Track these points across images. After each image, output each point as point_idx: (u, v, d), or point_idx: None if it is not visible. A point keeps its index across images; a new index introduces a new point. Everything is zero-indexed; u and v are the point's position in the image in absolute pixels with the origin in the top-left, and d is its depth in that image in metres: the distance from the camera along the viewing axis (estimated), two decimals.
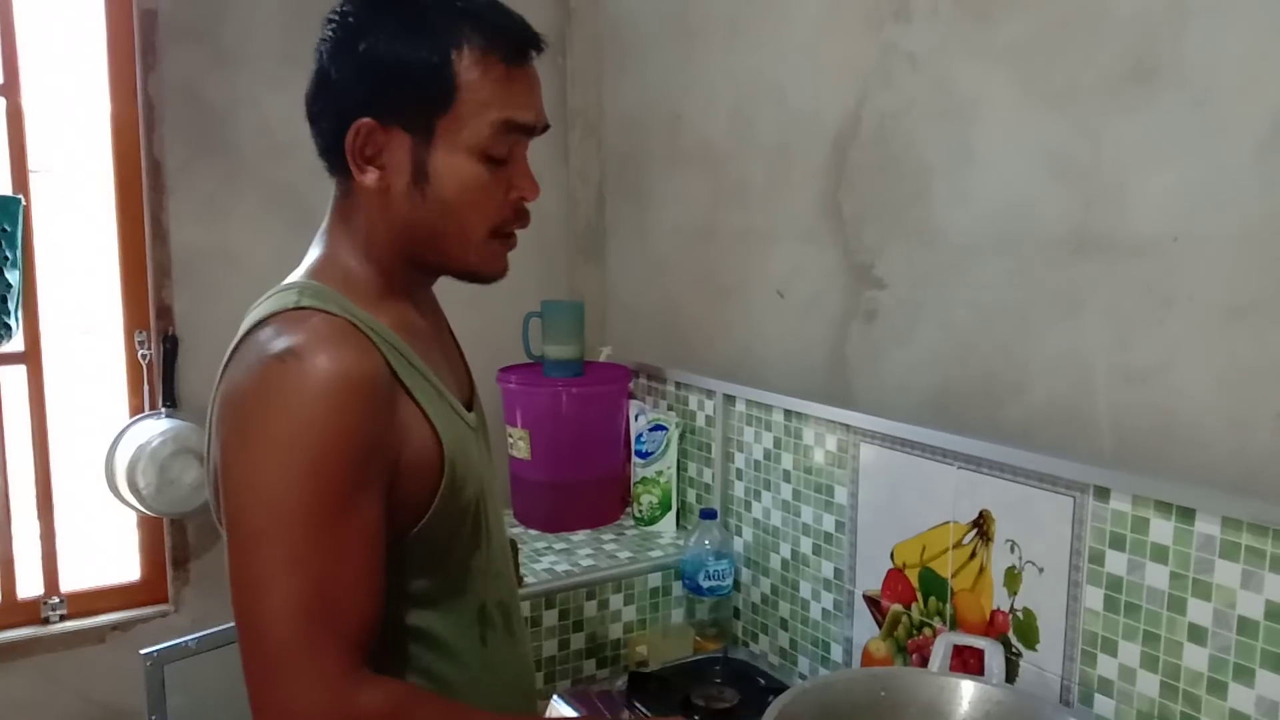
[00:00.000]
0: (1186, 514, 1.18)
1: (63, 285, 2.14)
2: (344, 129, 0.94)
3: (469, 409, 1.06)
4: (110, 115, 2.09)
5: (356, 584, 0.86)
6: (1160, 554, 1.21)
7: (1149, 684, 1.23)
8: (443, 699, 0.93)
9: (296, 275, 0.99)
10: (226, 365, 0.92)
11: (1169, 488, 1.20)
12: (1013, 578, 1.39)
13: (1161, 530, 1.21)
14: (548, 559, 1.90)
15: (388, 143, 0.94)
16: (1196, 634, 1.18)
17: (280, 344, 0.87)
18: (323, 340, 0.87)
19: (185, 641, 1.77)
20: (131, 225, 2.11)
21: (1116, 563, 1.26)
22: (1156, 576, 1.22)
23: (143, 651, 1.74)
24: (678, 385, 2.10)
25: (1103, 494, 1.27)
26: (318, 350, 0.86)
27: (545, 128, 1.01)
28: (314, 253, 1.00)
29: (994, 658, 1.38)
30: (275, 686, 0.83)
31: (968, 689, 1.31)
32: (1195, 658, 1.18)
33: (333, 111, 0.95)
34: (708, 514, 1.87)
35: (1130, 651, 1.25)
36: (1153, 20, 1.28)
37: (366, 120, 0.93)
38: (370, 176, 0.95)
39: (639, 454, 2.09)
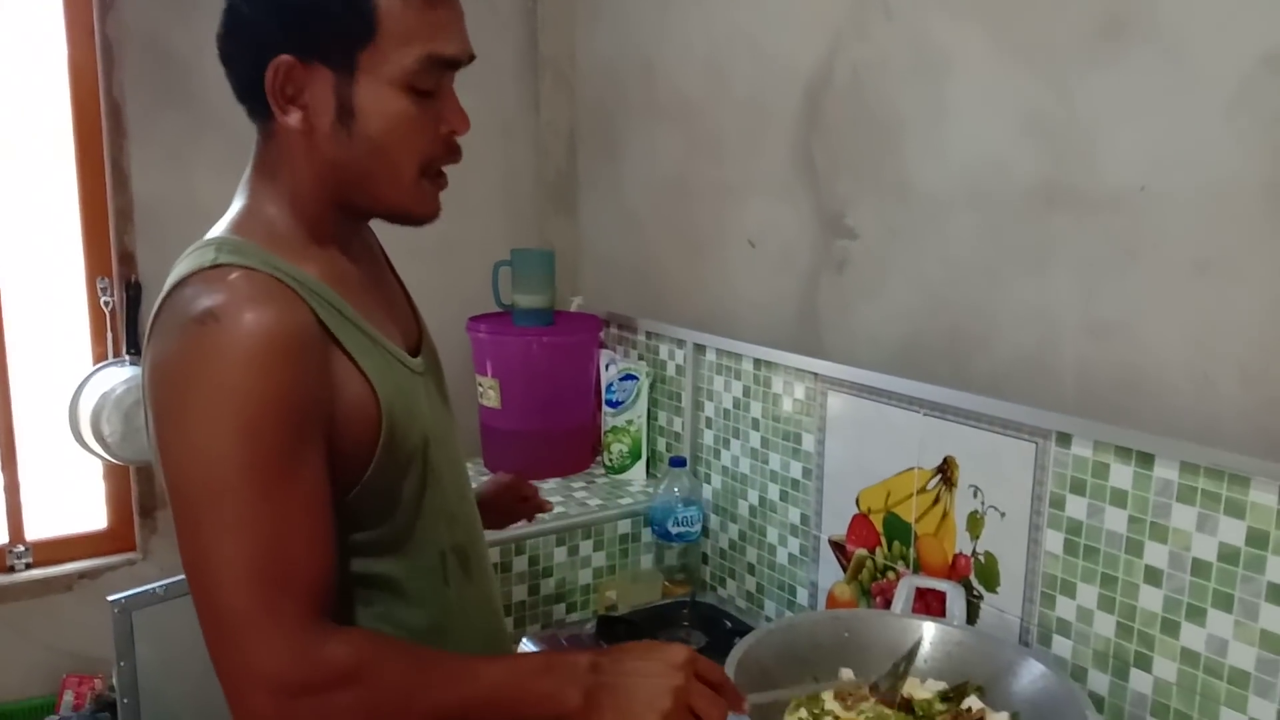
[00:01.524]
0: (1146, 459, 1.21)
1: (22, 232, 2.09)
2: (262, 68, 0.90)
3: (416, 353, 1.04)
4: (67, 58, 2.04)
5: (306, 541, 0.85)
6: (1119, 498, 1.24)
7: (1105, 624, 1.27)
8: (409, 644, 0.92)
9: (217, 230, 0.95)
10: (150, 329, 0.90)
11: (1129, 434, 1.22)
12: (975, 522, 1.42)
13: (1121, 475, 1.23)
14: None
15: (309, 80, 0.90)
16: (1152, 576, 1.21)
17: (200, 305, 0.84)
18: (244, 298, 0.84)
19: (153, 588, 1.76)
20: (92, 171, 2.07)
21: (1076, 507, 1.29)
22: (1115, 520, 1.25)
23: (110, 598, 1.74)
24: (648, 335, 2.10)
25: (1065, 440, 1.29)
26: (239, 309, 0.83)
27: (471, 58, 0.96)
28: (236, 204, 0.97)
29: (955, 600, 1.41)
30: (237, 651, 0.82)
31: (929, 630, 1.34)
32: (1150, 599, 1.22)
33: (249, 50, 0.91)
34: (677, 461, 1.88)
35: (1088, 593, 1.29)
36: None
37: (286, 57, 0.89)
38: (293, 117, 0.91)
39: (609, 403, 2.10)
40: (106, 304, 2.09)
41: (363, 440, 0.91)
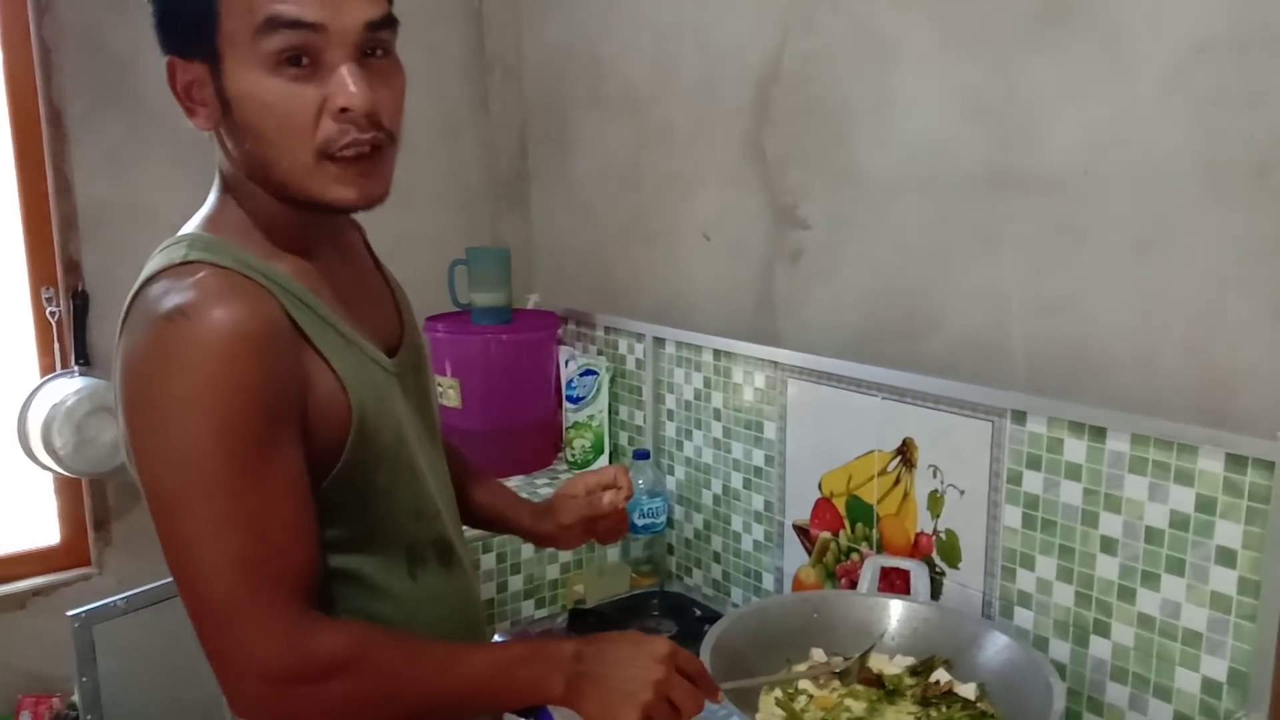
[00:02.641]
0: (1098, 433, 1.25)
1: None
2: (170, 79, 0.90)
3: (395, 353, 1.04)
4: (2, 62, 1.99)
5: (287, 531, 0.86)
6: (1074, 472, 1.28)
7: (1064, 594, 1.31)
8: (398, 633, 0.93)
9: (190, 225, 0.95)
10: (121, 326, 0.89)
11: (1082, 409, 1.26)
12: (935, 501, 1.45)
13: (1075, 449, 1.28)
14: None
15: (195, 78, 0.89)
16: (1108, 545, 1.26)
17: (170, 302, 0.84)
18: (212, 294, 0.84)
19: (114, 601, 1.74)
20: (32, 177, 2.03)
21: (1033, 482, 1.33)
22: (1071, 493, 1.29)
23: (70, 613, 1.71)
24: (607, 330, 2.11)
25: (1020, 418, 1.33)
26: (208, 305, 0.83)
27: (364, 25, 0.88)
28: (209, 201, 0.97)
29: (919, 578, 1.45)
30: (230, 644, 0.83)
31: (895, 607, 1.38)
32: (1107, 567, 1.26)
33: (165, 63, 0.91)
34: (640, 454, 1.90)
35: (1047, 565, 1.33)
36: None
37: (171, 59, 0.89)
38: (199, 119, 0.91)
39: (570, 399, 2.11)
40: (53, 314, 2.04)
41: (333, 435, 0.91)
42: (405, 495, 1.01)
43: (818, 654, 1.35)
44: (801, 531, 1.68)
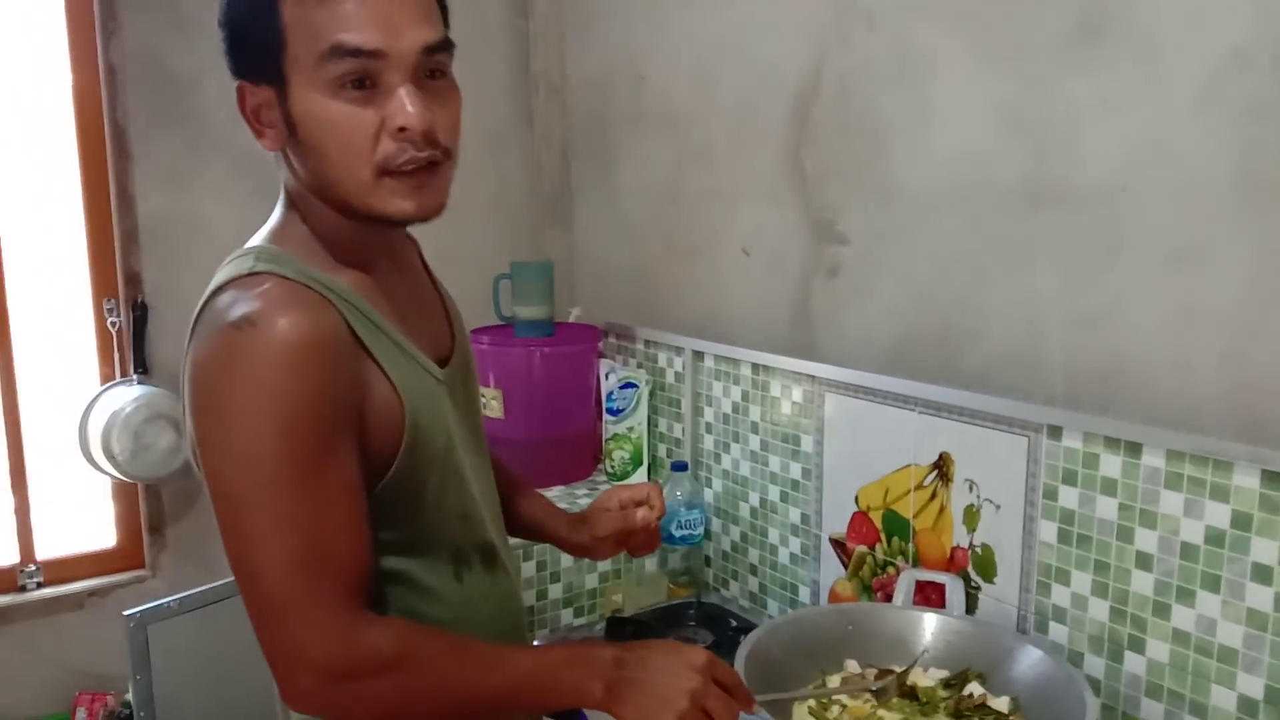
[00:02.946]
0: (1134, 448, 1.25)
1: (29, 254, 2.12)
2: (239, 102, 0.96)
3: (446, 363, 1.08)
4: (71, 84, 2.08)
5: (345, 532, 0.90)
6: (1109, 487, 1.28)
7: (1099, 610, 1.31)
8: (445, 633, 0.97)
9: (256, 239, 1.00)
10: (191, 333, 0.94)
11: (1117, 424, 1.26)
12: (971, 515, 1.46)
13: (1110, 465, 1.28)
14: None
15: (262, 102, 0.94)
16: (1143, 561, 1.25)
17: (237, 311, 0.88)
18: (277, 304, 0.89)
19: (167, 602, 1.80)
20: (97, 193, 2.11)
21: (1069, 497, 1.33)
22: (1106, 508, 1.29)
23: (125, 613, 1.77)
24: (647, 343, 2.14)
25: (1055, 433, 1.34)
26: (273, 315, 0.88)
27: (421, 49, 0.92)
28: (274, 216, 1.01)
29: (955, 591, 1.45)
30: (286, 638, 0.87)
31: (930, 621, 1.38)
32: (1142, 583, 1.26)
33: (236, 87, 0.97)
34: (679, 466, 1.92)
35: (1082, 580, 1.33)
36: None
37: (240, 83, 0.94)
38: (267, 139, 0.96)
39: (610, 411, 2.14)
40: (113, 324, 2.12)
41: (388, 441, 0.95)
42: (453, 500, 1.05)
43: (852, 665, 1.36)
44: (838, 545, 1.69)
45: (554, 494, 2.08)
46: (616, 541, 1.28)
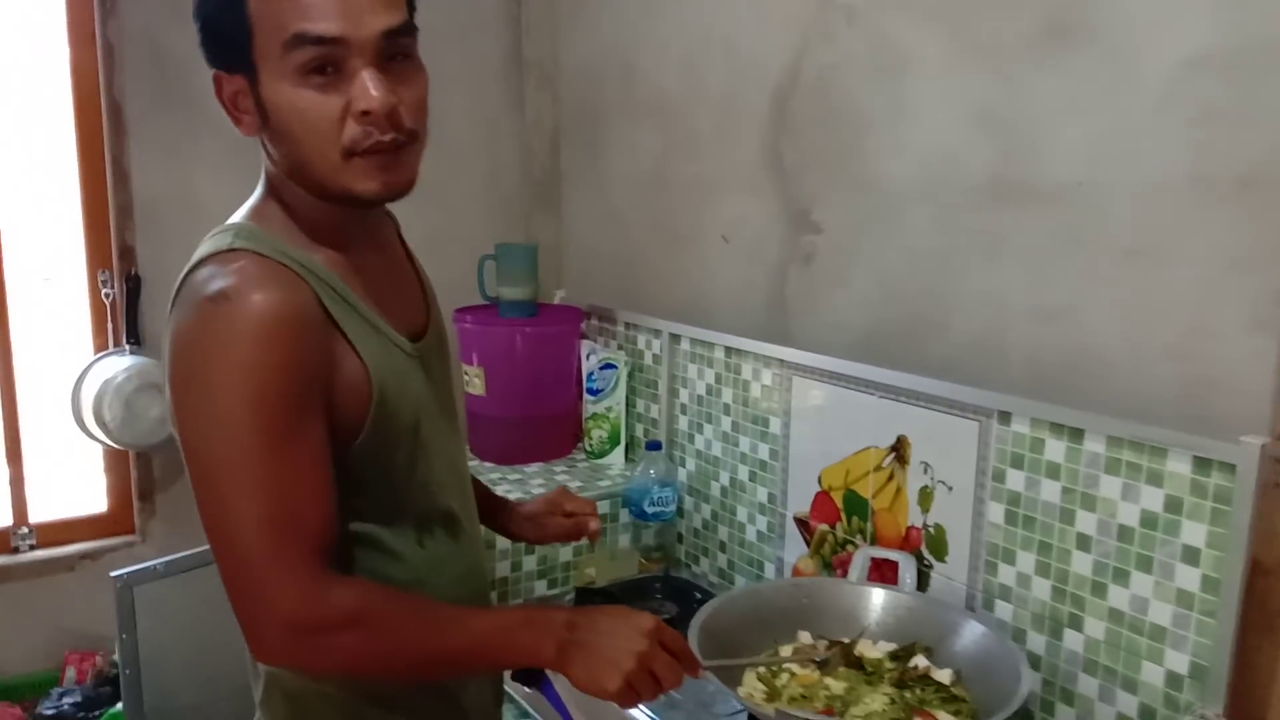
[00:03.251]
0: (1077, 434, 1.30)
1: (27, 226, 2.17)
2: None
3: (420, 338, 1.13)
4: (70, 60, 2.13)
5: (312, 497, 0.94)
6: (1054, 471, 1.34)
7: (1042, 589, 1.37)
8: (407, 594, 1.02)
9: (236, 216, 1.04)
10: (172, 305, 0.98)
11: (1062, 411, 1.32)
12: (926, 496, 1.51)
13: (1055, 449, 1.33)
14: (501, 489, 2.00)
15: (238, 90, 0.97)
16: (1083, 542, 1.31)
17: (214, 286, 0.92)
18: (252, 281, 0.92)
19: (153, 565, 1.86)
20: (93, 168, 2.16)
21: (1016, 480, 1.39)
22: (1050, 491, 1.34)
23: (113, 574, 1.83)
24: (627, 325, 2.20)
25: (1005, 418, 1.39)
26: (248, 291, 0.91)
27: (382, 34, 0.95)
28: (255, 195, 1.06)
29: (907, 569, 1.51)
30: (254, 594, 0.92)
31: (881, 596, 1.44)
32: (1081, 564, 1.31)
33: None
34: (653, 445, 1.98)
35: (1026, 560, 1.38)
36: None
37: (216, 72, 0.99)
38: (243, 127, 1.00)
39: (590, 391, 2.19)
40: (107, 296, 2.18)
41: (355, 413, 1.00)
42: (421, 470, 1.10)
43: (804, 637, 1.42)
44: (802, 524, 1.74)
45: (533, 470, 2.13)
46: (560, 539, 1.36)
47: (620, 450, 2.17)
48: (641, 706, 1.43)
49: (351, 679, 1.05)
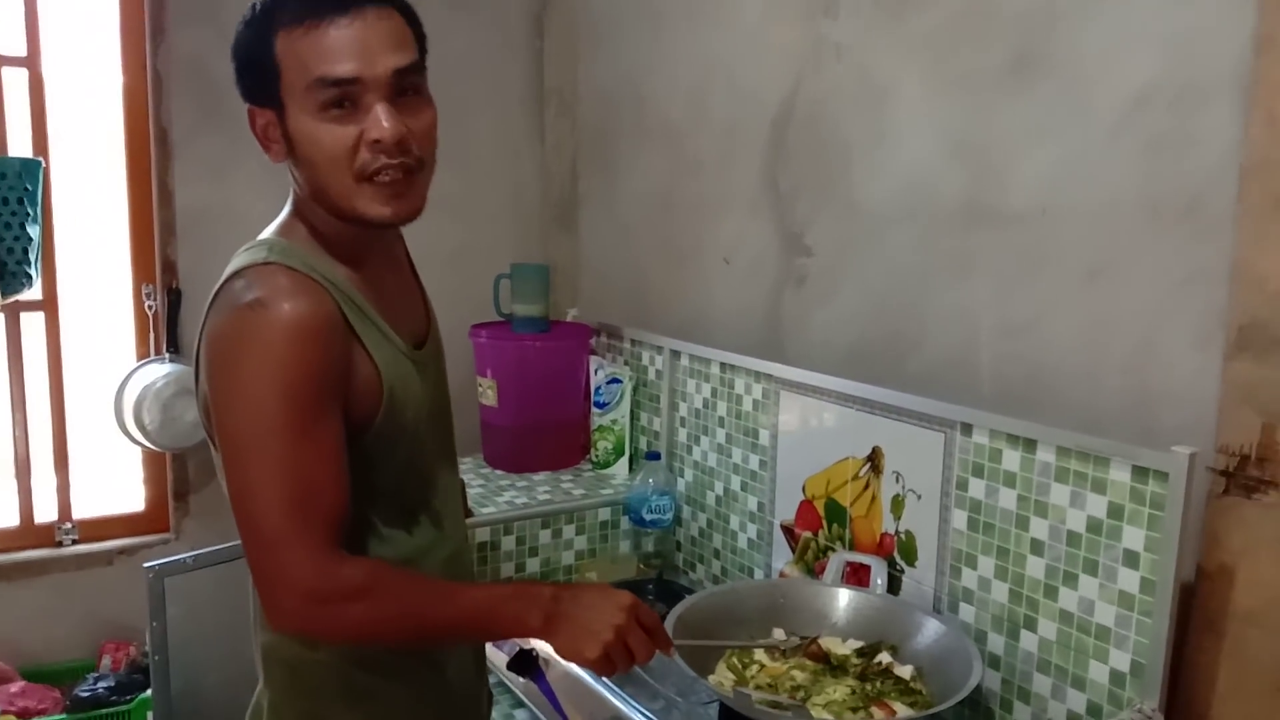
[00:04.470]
0: (1030, 444, 1.38)
1: (78, 241, 2.34)
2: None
3: (421, 346, 1.25)
4: (122, 86, 2.30)
5: (329, 481, 1.06)
6: (1010, 480, 1.41)
7: (1000, 592, 1.44)
8: (409, 570, 1.13)
9: (268, 232, 1.16)
10: (208, 310, 1.11)
11: (1016, 423, 1.40)
12: (897, 504, 1.59)
13: (1011, 459, 1.41)
14: (509, 494, 2.12)
15: (268, 122, 1.09)
16: (1036, 547, 1.39)
17: (250, 294, 1.03)
18: (284, 292, 1.04)
19: (183, 558, 1.99)
20: (140, 187, 2.33)
21: (977, 488, 1.46)
22: (1007, 499, 1.42)
23: (145, 565, 1.96)
24: (633, 342, 2.30)
25: (967, 429, 1.47)
26: (280, 299, 1.03)
27: (393, 73, 1.06)
28: (283, 215, 1.18)
29: (878, 572, 1.59)
30: (272, 566, 1.03)
31: (850, 596, 1.53)
32: (1035, 568, 1.39)
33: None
34: (652, 455, 2.08)
35: (986, 564, 1.46)
36: (1031, 18, 1.48)
37: (249, 106, 1.12)
38: (272, 154, 1.12)
39: (597, 404, 2.30)
40: (150, 308, 2.33)
41: (368, 411, 1.12)
42: (419, 464, 1.22)
43: (779, 633, 1.51)
44: (788, 531, 1.83)
45: (540, 478, 2.24)
46: None
47: (624, 461, 2.27)
48: (626, 695, 1.53)
49: (349, 647, 1.16)
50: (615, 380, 2.27)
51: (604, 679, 1.54)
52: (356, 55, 1.05)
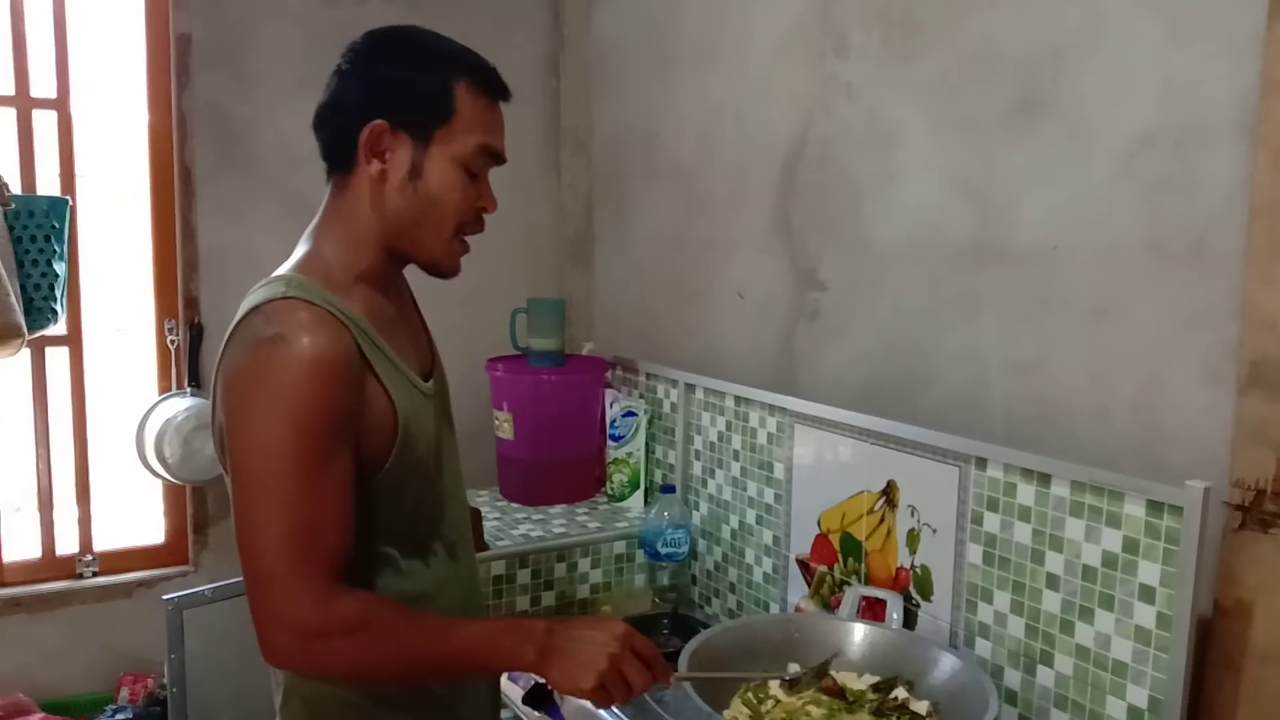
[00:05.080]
0: (1045, 479, 1.39)
1: (102, 278, 2.39)
2: (355, 131, 1.16)
3: (428, 379, 1.27)
4: (147, 127, 2.35)
5: (333, 520, 1.08)
6: (1025, 514, 1.42)
7: (1017, 626, 1.45)
8: (403, 606, 1.14)
9: (285, 268, 1.19)
10: (226, 344, 1.13)
11: (1031, 457, 1.41)
12: (913, 538, 1.60)
13: (1026, 493, 1.42)
14: (524, 526, 2.13)
15: (394, 142, 1.15)
16: (1052, 581, 1.39)
17: (269, 329, 1.06)
18: (303, 327, 1.06)
19: (202, 590, 2.01)
20: (163, 225, 2.37)
21: (992, 522, 1.47)
22: (1022, 533, 1.43)
23: (164, 597, 1.98)
24: (647, 376, 2.32)
25: (981, 464, 1.49)
26: (299, 335, 1.05)
27: (504, 160, 1.23)
28: (301, 248, 1.21)
29: (894, 607, 1.59)
30: (270, 601, 1.05)
31: (866, 631, 1.53)
32: (1051, 602, 1.39)
33: (350, 115, 1.17)
34: (666, 489, 2.09)
35: (1002, 599, 1.46)
36: (1035, 62, 1.50)
37: (380, 122, 1.15)
38: (374, 167, 1.16)
39: (612, 437, 2.32)
40: (172, 343, 2.37)
41: (382, 445, 1.14)
42: (432, 496, 1.23)
43: (793, 669, 1.50)
44: (803, 565, 1.84)
45: (556, 511, 2.26)
46: None
47: (640, 494, 2.29)
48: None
49: (360, 683, 1.17)
50: (630, 413, 2.29)
51: (619, 713, 1.54)
52: (503, 140, 1.22)
